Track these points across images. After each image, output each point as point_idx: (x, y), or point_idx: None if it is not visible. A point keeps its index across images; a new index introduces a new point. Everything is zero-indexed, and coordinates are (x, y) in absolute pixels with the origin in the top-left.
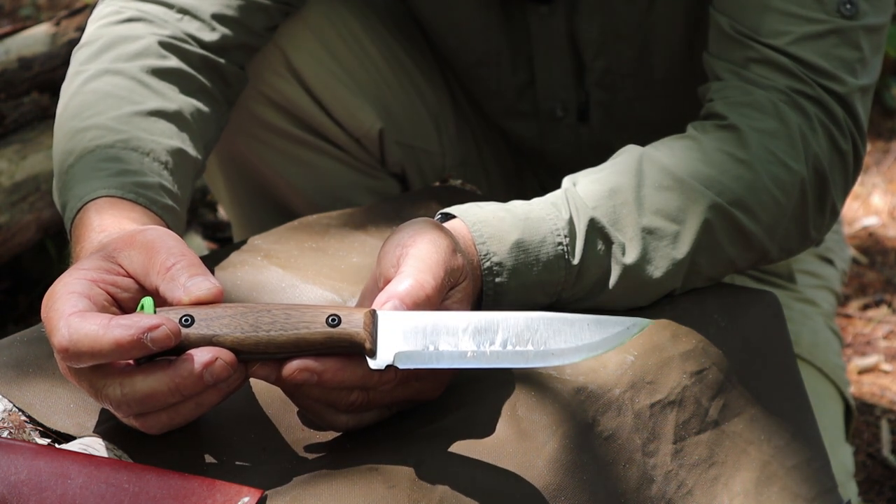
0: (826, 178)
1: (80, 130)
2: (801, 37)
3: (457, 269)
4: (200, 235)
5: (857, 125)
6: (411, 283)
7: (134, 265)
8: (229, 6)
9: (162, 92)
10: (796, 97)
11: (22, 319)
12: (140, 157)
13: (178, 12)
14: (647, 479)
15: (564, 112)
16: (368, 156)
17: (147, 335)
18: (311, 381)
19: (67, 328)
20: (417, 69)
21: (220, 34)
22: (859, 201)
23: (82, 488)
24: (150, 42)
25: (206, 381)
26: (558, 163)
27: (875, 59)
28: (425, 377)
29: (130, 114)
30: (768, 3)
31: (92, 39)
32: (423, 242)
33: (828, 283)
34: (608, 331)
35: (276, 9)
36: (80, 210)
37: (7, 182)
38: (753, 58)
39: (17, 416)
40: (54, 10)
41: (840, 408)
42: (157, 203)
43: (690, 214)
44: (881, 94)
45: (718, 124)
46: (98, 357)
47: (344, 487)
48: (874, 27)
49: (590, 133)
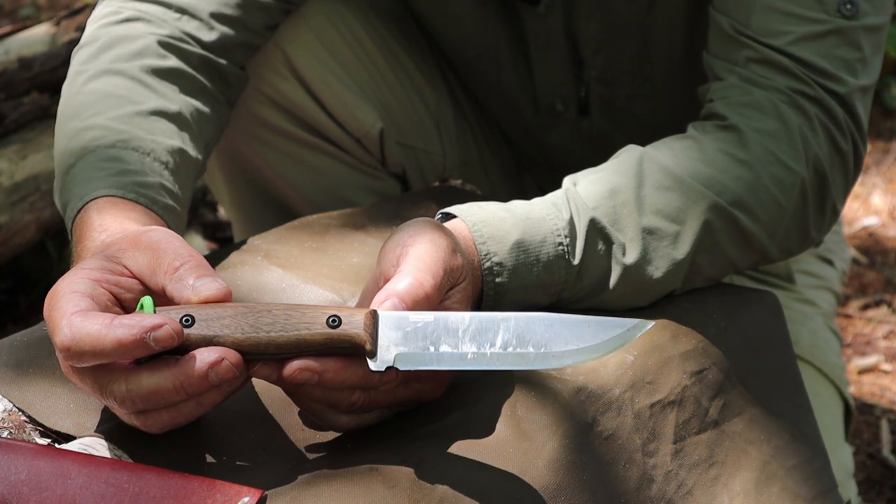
0: (826, 178)
1: (81, 130)
2: (801, 37)
3: (456, 269)
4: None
5: (858, 125)
6: (410, 282)
7: (139, 265)
8: (228, 5)
9: (162, 92)
10: (796, 97)
11: (22, 319)
12: (141, 157)
13: (177, 12)
14: (647, 479)
15: (564, 107)
16: (369, 156)
17: (150, 335)
18: (311, 381)
19: (70, 327)
20: (418, 69)
21: (220, 33)
22: (859, 201)
23: (82, 488)
24: (149, 42)
25: (212, 380)
26: (559, 159)
27: (875, 58)
28: (426, 378)
29: (131, 114)
30: (769, 3)
31: (91, 40)
32: (423, 242)
33: (827, 283)
34: (609, 333)
35: (276, 7)
36: (80, 210)
37: (7, 182)
38: (753, 58)
39: (17, 416)
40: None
41: (840, 408)
42: (157, 203)
43: (691, 215)
44: (881, 94)
45: (719, 125)
46: (100, 356)
47: (344, 487)
48: (874, 27)
49: (590, 127)
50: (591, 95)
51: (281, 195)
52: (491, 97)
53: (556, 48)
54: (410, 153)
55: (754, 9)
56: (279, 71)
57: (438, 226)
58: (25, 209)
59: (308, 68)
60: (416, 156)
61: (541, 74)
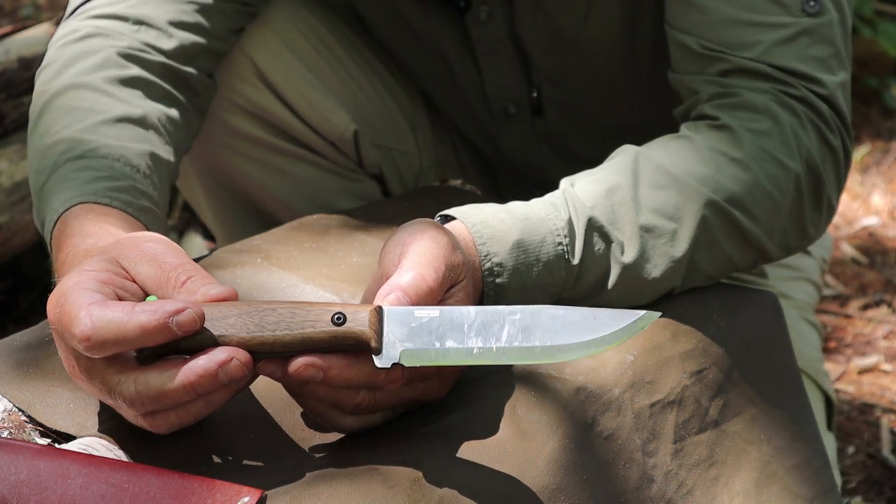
0: (820, 174)
1: (49, 147)
2: (772, 44)
3: (457, 266)
4: (200, 235)
5: (843, 120)
6: (413, 276)
7: (143, 276)
8: (184, 11)
9: (126, 99)
10: (784, 97)
11: (22, 319)
12: (111, 163)
13: (134, 24)
14: (647, 479)
15: (517, 108)
16: (345, 158)
17: (173, 319)
18: (316, 378)
19: (89, 317)
20: (388, 71)
21: (179, 40)
22: (859, 201)
23: (82, 488)
24: (108, 54)
25: (221, 380)
26: (516, 162)
27: (846, 48)
28: (431, 377)
29: (97, 123)
30: (732, 15)
31: (52, 60)
32: (424, 239)
33: (805, 273)
34: (615, 325)
35: (235, 10)
36: (56, 222)
37: (7, 182)
38: (730, 70)
39: (17, 416)
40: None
41: (818, 399)
42: (132, 205)
43: (687, 212)
44: (881, 94)
45: (711, 124)
46: (122, 344)
47: (344, 487)
48: (840, 17)
49: (545, 127)
50: (544, 97)
51: (261, 204)
52: (448, 101)
53: (503, 52)
54: (386, 154)
55: (718, 24)
56: (248, 79)
57: (438, 225)
58: (25, 209)
59: (277, 74)
60: (393, 156)
61: (490, 78)
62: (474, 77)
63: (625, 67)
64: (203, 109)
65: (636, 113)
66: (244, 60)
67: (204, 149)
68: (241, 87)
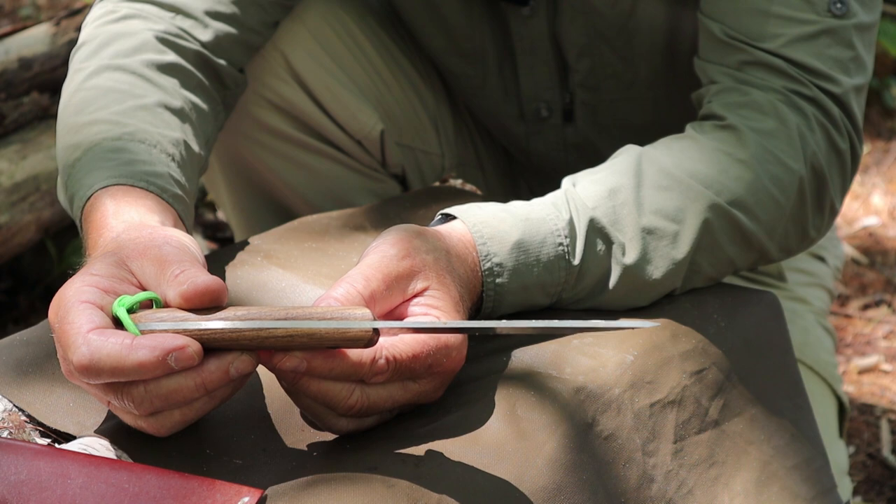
0: (824, 176)
1: (85, 125)
2: (793, 38)
3: (403, 275)
4: (201, 235)
5: (854, 124)
6: (346, 287)
7: (146, 277)
8: (220, 2)
9: (163, 86)
10: (793, 97)
11: (22, 319)
12: (148, 149)
13: (170, 10)
14: (647, 479)
15: (549, 112)
16: (370, 157)
17: (171, 356)
18: (300, 368)
19: (87, 346)
20: (415, 70)
21: (215, 30)
22: (859, 201)
23: (82, 488)
24: (146, 37)
25: (232, 375)
26: (544, 165)
27: (868, 56)
28: (422, 377)
29: (134, 107)
30: (759, 6)
31: (89, 38)
32: (371, 252)
33: (820, 280)
34: None
35: (270, 3)
36: (88, 200)
37: (7, 182)
38: (747, 61)
39: (17, 416)
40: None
41: (833, 405)
42: (167, 192)
43: (690, 214)
44: (881, 94)
45: (717, 124)
46: (118, 376)
47: (344, 487)
48: (865, 25)
49: (575, 134)
50: (576, 101)
51: (282, 199)
52: (478, 101)
53: (541, 52)
54: (410, 154)
55: (745, 13)
56: (279, 74)
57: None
58: (25, 209)
59: (308, 71)
60: (416, 156)
61: (526, 79)
62: (510, 78)
63: (663, 64)
64: (231, 104)
65: (669, 115)
66: (276, 56)
67: (230, 141)
68: (272, 82)
